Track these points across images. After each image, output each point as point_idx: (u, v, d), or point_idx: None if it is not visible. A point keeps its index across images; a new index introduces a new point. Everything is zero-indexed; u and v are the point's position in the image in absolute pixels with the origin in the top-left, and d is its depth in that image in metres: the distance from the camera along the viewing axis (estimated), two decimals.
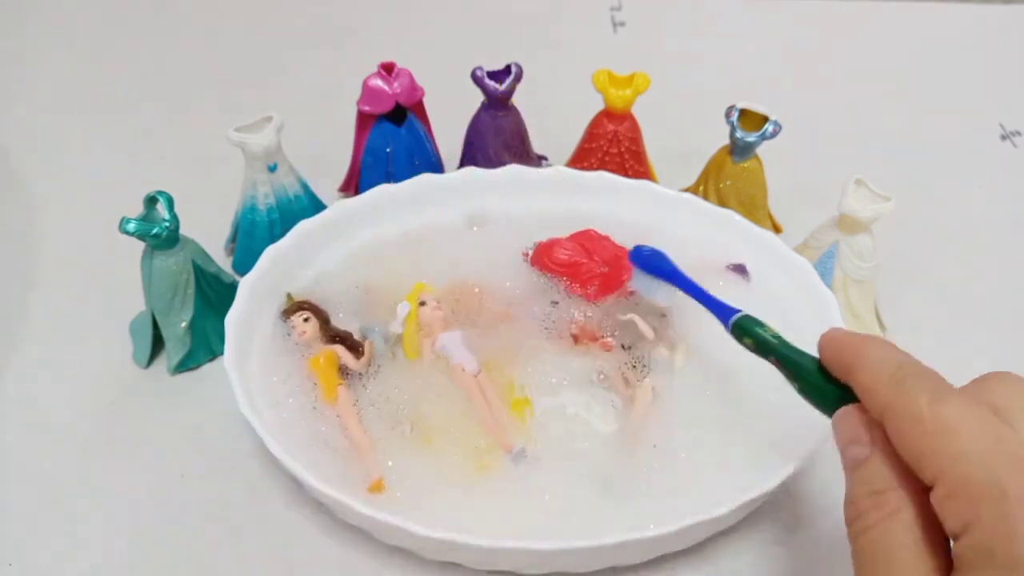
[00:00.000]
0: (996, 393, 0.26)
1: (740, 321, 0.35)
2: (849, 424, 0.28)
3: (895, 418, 0.26)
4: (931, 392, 0.26)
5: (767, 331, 0.34)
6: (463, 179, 0.50)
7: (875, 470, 0.26)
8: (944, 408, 0.25)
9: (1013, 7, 0.80)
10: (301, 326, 0.43)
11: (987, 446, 0.24)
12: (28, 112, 0.66)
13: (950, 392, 0.26)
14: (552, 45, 0.74)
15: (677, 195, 0.50)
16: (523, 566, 0.36)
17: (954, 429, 0.24)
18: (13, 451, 0.42)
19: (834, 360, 0.30)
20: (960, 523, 0.23)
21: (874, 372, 0.28)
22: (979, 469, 0.23)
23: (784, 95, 0.61)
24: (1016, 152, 0.64)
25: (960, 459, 0.24)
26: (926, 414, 0.25)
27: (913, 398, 0.26)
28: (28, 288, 0.51)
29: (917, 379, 0.27)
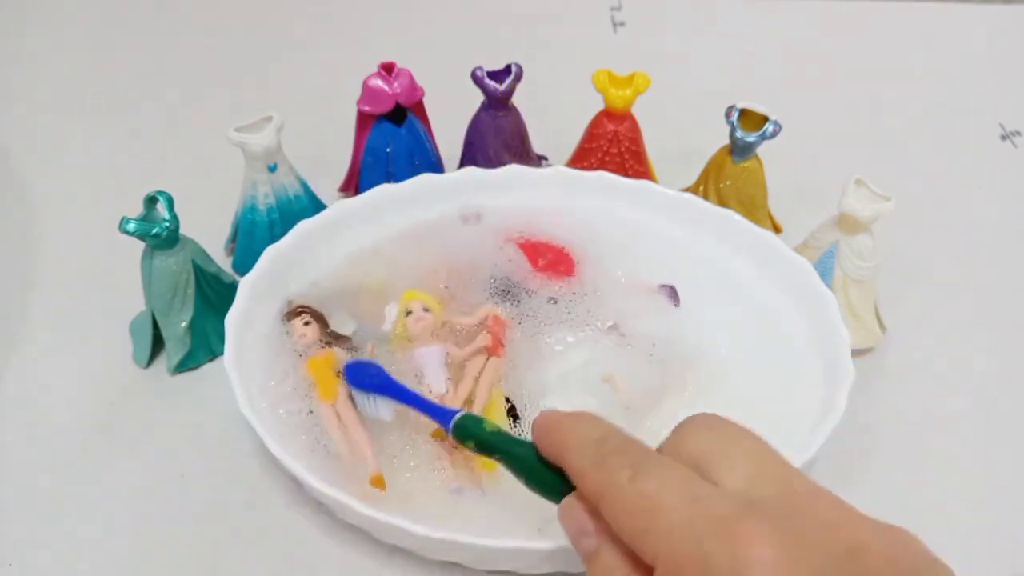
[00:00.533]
0: (698, 440, 0.27)
1: (460, 423, 0.34)
2: (573, 515, 0.27)
3: (603, 501, 0.26)
4: (631, 467, 0.25)
5: (486, 427, 0.33)
6: (463, 179, 0.50)
7: (607, 559, 0.26)
8: (643, 483, 0.25)
9: (1013, 7, 0.80)
10: (301, 329, 0.43)
11: (688, 515, 0.24)
12: (28, 112, 0.66)
13: (649, 463, 0.26)
14: (552, 45, 0.74)
15: (677, 195, 0.50)
16: (523, 566, 0.36)
17: (656, 505, 0.24)
18: (13, 451, 0.42)
19: (546, 445, 0.29)
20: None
21: (579, 453, 0.27)
22: (684, 544, 0.23)
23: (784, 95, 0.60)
24: (1016, 152, 0.64)
25: (666, 536, 0.24)
26: (628, 492, 0.25)
27: (615, 477, 0.25)
28: (28, 288, 0.51)
29: (618, 455, 0.26)
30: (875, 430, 0.44)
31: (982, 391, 0.47)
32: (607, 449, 0.27)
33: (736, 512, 0.23)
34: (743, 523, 0.23)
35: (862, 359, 0.47)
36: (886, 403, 0.45)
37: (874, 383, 0.46)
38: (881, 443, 0.44)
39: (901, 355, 0.48)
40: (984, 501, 0.42)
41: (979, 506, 0.41)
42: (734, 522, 0.23)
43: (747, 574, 0.22)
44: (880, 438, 0.44)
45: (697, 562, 0.23)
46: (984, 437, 0.44)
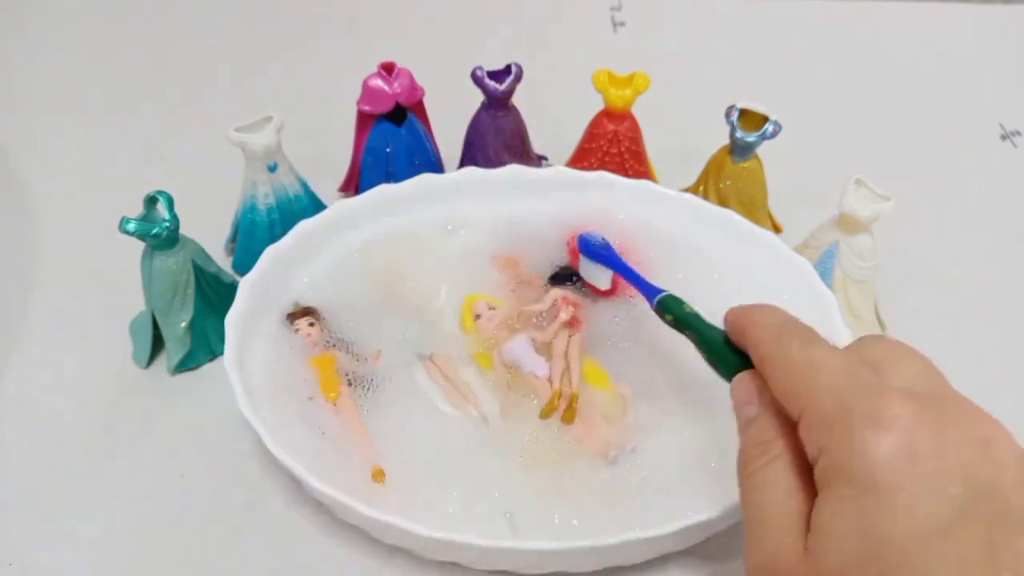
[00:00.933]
0: (870, 350, 0.28)
1: (663, 300, 0.38)
2: (743, 387, 0.30)
3: (771, 365, 0.29)
4: (801, 339, 0.28)
5: (686, 308, 0.37)
6: (463, 179, 0.50)
7: (762, 424, 0.28)
8: (810, 351, 0.28)
9: (1013, 7, 0.80)
10: (306, 330, 0.43)
11: (843, 380, 0.26)
12: (28, 112, 0.66)
13: (819, 340, 0.29)
14: (552, 45, 0.74)
15: (677, 195, 0.50)
16: (523, 566, 0.36)
17: (817, 368, 0.27)
18: (13, 451, 0.42)
19: (732, 328, 0.32)
20: (816, 448, 0.25)
21: (760, 329, 0.30)
22: (834, 397, 0.25)
23: (784, 95, 0.61)
24: (1016, 152, 0.64)
25: (820, 392, 0.26)
26: (795, 357, 0.28)
27: (786, 345, 0.28)
28: (28, 288, 0.51)
29: (793, 331, 0.29)
30: None
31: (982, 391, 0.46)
32: (787, 327, 0.30)
33: (888, 387, 0.25)
34: (891, 392, 0.25)
35: None
36: None
37: None
38: None
39: None
40: None
41: None
42: (883, 389, 0.25)
43: (882, 423, 0.24)
44: None
45: (840, 410, 0.25)
46: None
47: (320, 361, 0.42)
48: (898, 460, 0.23)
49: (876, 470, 0.23)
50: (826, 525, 0.24)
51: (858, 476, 0.23)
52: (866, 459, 0.23)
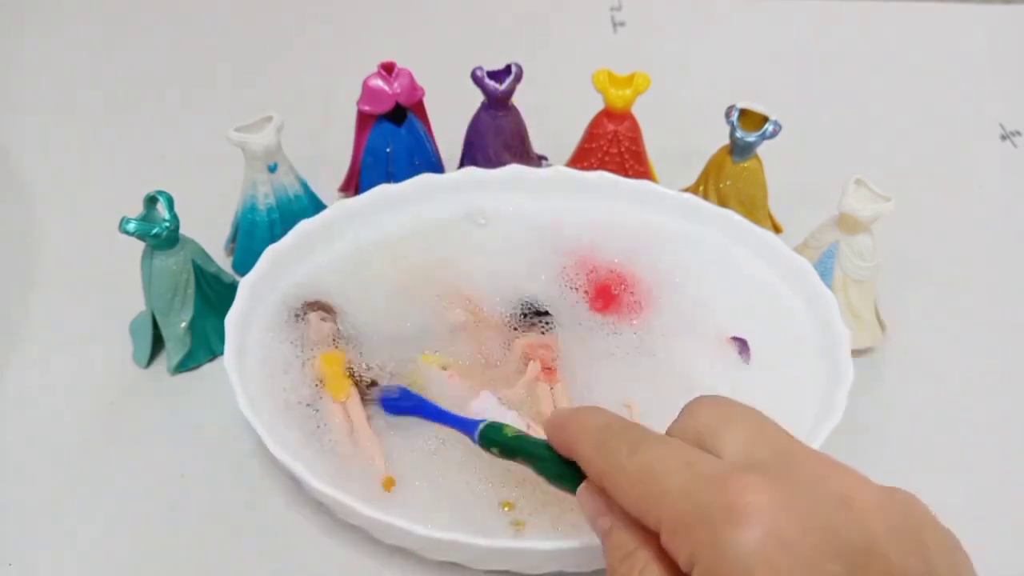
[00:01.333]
0: (699, 418, 0.28)
1: (484, 434, 0.35)
2: (589, 500, 0.29)
3: (607, 480, 0.27)
4: (629, 444, 0.27)
5: (508, 435, 0.34)
6: (463, 179, 0.50)
7: (619, 535, 0.27)
8: (641, 456, 0.26)
9: (1013, 7, 0.80)
10: (318, 324, 0.43)
11: (685, 479, 0.25)
12: (28, 112, 0.66)
13: (646, 439, 0.27)
14: (552, 45, 0.74)
15: (677, 195, 0.50)
16: (523, 566, 0.36)
17: (654, 472, 0.26)
18: (13, 451, 0.42)
19: (557, 440, 0.31)
20: (687, 559, 0.24)
21: (583, 441, 0.29)
22: (681, 500, 0.24)
23: (784, 95, 0.61)
24: (1016, 152, 0.64)
25: (665, 498, 0.25)
26: (627, 466, 0.26)
27: (616, 455, 0.27)
28: (28, 288, 0.51)
29: (618, 436, 0.28)
30: (875, 430, 0.44)
31: (982, 391, 0.47)
32: (608, 433, 0.28)
33: (730, 470, 0.25)
34: (736, 476, 0.24)
35: (862, 359, 0.47)
36: (886, 403, 0.45)
37: (874, 383, 0.46)
38: (881, 443, 0.44)
39: (901, 355, 0.48)
40: (985, 501, 0.42)
41: (980, 506, 0.41)
42: (728, 476, 0.24)
43: (741, 516, 0.23)
44: (880, 438, 0.44)
45: (694, 514, 0.24)
46: (984, 437, 0.45)
47: (329, 360, 0.42)
48: (768, 551, 0.22)
49: (751, 569, 0.22)
50: None
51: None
52: (738, 561, 0.22)
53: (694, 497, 0.24)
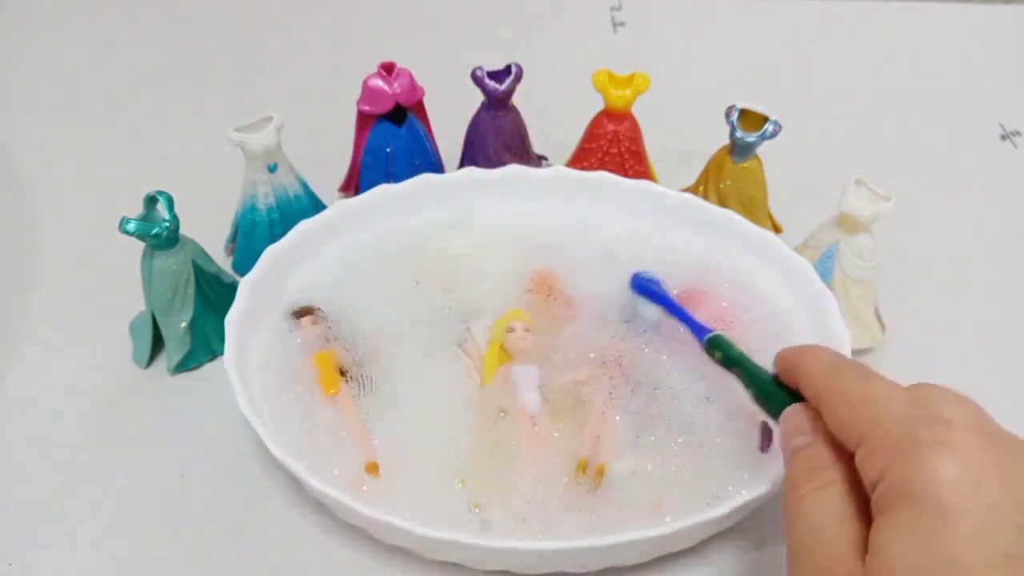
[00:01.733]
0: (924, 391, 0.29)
1: (712, 339, 0.39)
2: (794, 418, 0.31)
3: (828, 397, 0.29)
4: (860, 373, 0.29)
5: (734, 348, 0.38)
6: (463, 179, 0.50)
7: (814, 451, 0.29)
8: (870, 384, 0.28)
9: (1013, 7, 0.80)
10: (309, 327, 0.43)
11: (907, 409, 0.26)
12: (28, 112, 0.66)
13: (878, 375, 0.29)
14: (552, 45, 0.74)
15: (677, 195, 0.50)
16: (523, 566, 0.36)
17: (877, 399, 0.27)
18: (13, 451, 0.42)
19: (783, 367, 0.33)
20: (877, 472, 0.25)
21: (814, 365, 0.31)
22: (896, 426, 0.26)
23: (784, 95, 0.61)
24: (1016, 152, 0.64)
25: (881, 421, 0.26)
26: (854, 389, 0.28)
27: (844, 378, 0.29)
28: (28, 288, 0.51)
29: (851, 366, 0.30)
30: None
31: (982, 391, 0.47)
32: (843, 362, 0.31)
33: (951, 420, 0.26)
34: (955, 424, 0.25)
35: (862, 359, 0.47)
36: None
37: None
38: None
39: (901, 355, 0.48)
40: None
41: None
42: (947, 423, 0.25)
43: (947, 449, 0.24)
44: None
45: (904, 437, 0.25)
46: None
47: (320, 358, 0.42)
48: (964, 485, 0.23)
49: (942, 493, 0.23)
50: (886, 546, 0.24)
51: (923, 498, 0.24)
52: (933, 481, 0.24)
53: (910, 425, 0.25)
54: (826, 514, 0.26)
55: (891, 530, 0.24)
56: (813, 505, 0.27)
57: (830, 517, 0.26)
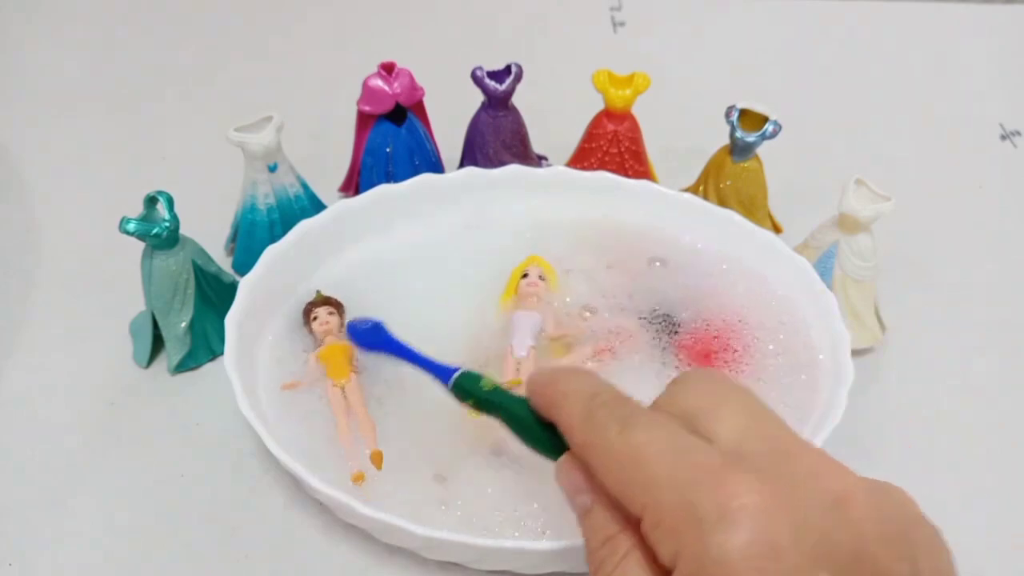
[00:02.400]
0: (691, 395, 0.27)
1: (459, 381, 0.33)
2: (569, 474, 0.27)
3: (592, 455, 0.26)
4: (619, 421, 0.25)
5: (484, 385, 0.32)
6: (463, 179, 0.50)
7: (600, 517, 0.26)
8: (632, 436, 0.25)
9: (1013, 7, 0.80)
10: (325, 318, 0.43)
11: (674, 465, 0.24)
12: (28, 112, 0.66)
13: (638, 417, 0.26)
14: (552, 45, 0.74)
15: (677, 195, 0.50)
16: (523, 566, 0.36)
17: (643, 456, 0.24)
18: (13, 451, 0.42)
19: (539, 400, 0.29)
20: (669, 555, 0.23)
21: (569, 409, 0.27)
22: (670, 493, 0.23)
23: (784, 95, 0.61)
24: (1016, 152, 0.64)
25: (652, 486, 0.24)
26: (616, 445, 0.25)
27: (604, 431, 0.25)
28: (28, 288, 0.51)
29: (607, 409, 0.26)
30: (875, 430, 0.44)
31: (982, 391, 0.47)
32: (597, 403, 0.27)
33: (722, 463, 0.23)
34: (728, 473, 0.23)
35: (862, 359, 0.47)
36: (886, 403, 0.45)
37: (874, 383, 0.46)
38: (881, 443, 0.44)
39: (901, 355, 0.48)
40: (984, 501, 0.42)
41: (979, 506, 0.41)
42: (720, 472, 0.23)
43: (732, 520, 0.22)
44: (880, 438, 0.44)
45: (682, 511, 0.23)
46: (984, 437, 0.44)
47: (334, 349, 0.42)
48: (758, 560, 0.21)
49: (741, 572, 0.21)
50: None
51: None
52: (725, 567, 0.21)
53: (683, 491, 0.23)
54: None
55: None
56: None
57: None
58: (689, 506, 0.23)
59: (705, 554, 0.22)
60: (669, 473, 0.24)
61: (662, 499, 0.23)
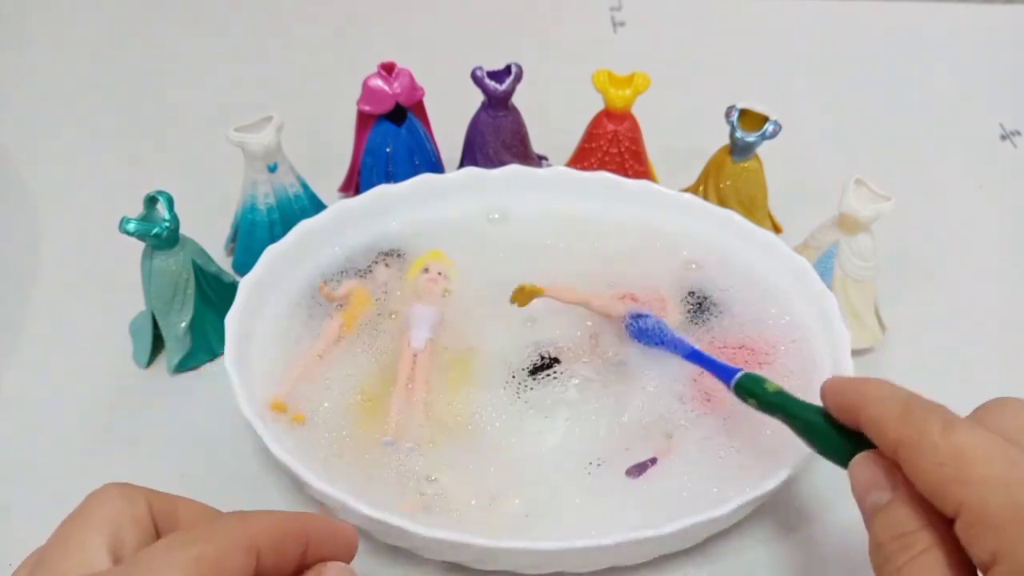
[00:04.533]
0: (1000, 418, 0.27)
1: (741, 381, 0.35)
2: (867, 470, 0.28)
3: (909, 451, 0.26)
4: (942, 422, 0.26)
5: (769, 388, 0.34)
6: (463, 179, 0.50)
7: (899, 512, 0.26)
8: (957, 436, 0.25)
9: (1013, 7, 0.80)
10: (382, 271, 0.46)
11: (1004, 470, 0.24)
12: (28, 112, 0.66)
13: (960, 420, 0.26)
14: (552, 45, 0.74)
15: (677, 195, 0.50)
16: (523, 566, 0.36)
17: (970, 457, 0.24)
18: (13, 451, 0.42)
19: (839, 404, 0.30)
20: (988, 554, 0.23)
21: (881, 408, 0.28)
22: (999, 495, 0.23)
23: (784, 95, 0.61)
24: (1016, 152, 0.64)
25: (979, 486, 0.24)
26: (940, 444, 0.25)
27: (925, 429, 0.26)
28: (28, 288, 0.51)
29: (926, 411, 0.27)
30: None
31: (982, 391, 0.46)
32: (914, 404, 0.27)
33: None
34: None
35: (862, 359, 0.47)
36: None
37: None
38: None
39: (901, 355, 0.48)
40: None
41: None
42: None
43: None
44: None
45: (1010, 511, 0.23)
46: None
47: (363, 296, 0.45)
48: None
49: None
50: None
51: None
52: None
53: (1015, 495, 0.23)
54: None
55: None
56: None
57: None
58: (1018, 507, 0.23)
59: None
60: (999, 474, 0.24)
61: (987, 498, 0.24)
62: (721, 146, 0.52)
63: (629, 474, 0.38)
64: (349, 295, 0.45)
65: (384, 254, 0.47)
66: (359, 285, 0.45)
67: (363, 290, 0.45)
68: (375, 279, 0.46)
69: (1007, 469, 0.24)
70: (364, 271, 0.46)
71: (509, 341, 0.44)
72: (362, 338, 0.43)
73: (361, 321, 0.44)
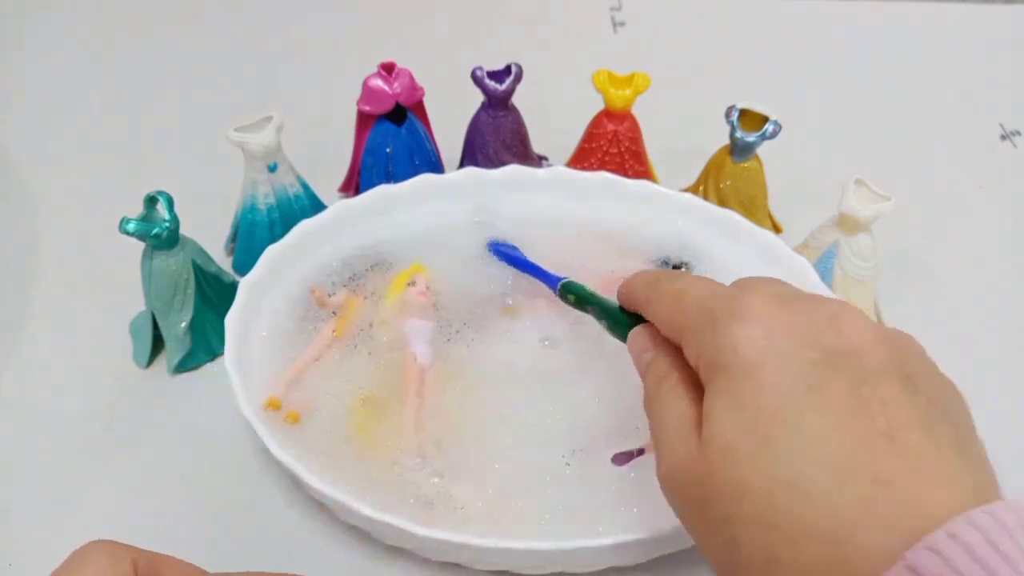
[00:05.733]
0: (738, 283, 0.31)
1: (565, 284, 0.42)
2: (638, 338, 0.33)
3: (650, 303, 0.33)
4: (671, 277, 0.33)
5: (584, 289, 0.40)
6: (463, 179, 0.50)
7: (658, 362, 0.31)
8: (678, 282, 0.32)
9: (1013, 7, 0.80)
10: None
11: (707, 295, 0.30)
12: (28, 112, 0.66)
13: (688, 275, 0.33)
14: (552, 45, 0.74)
15: (677, 195, 0.50)
16: (523, 566, 0.36)
17: (685, 292, 0.31)
18: (13, 451, 0.42)
19: (621, 292, 0.36)
20: (694, 356, 0.28)
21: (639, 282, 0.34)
22: (699, 309, 0.29)
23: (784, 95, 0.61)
24: (1016, 152, 0.64)
25: (688, 310, 0.30)
26: (667, 290, 0.32)
27: (661, 285, 0.32)
28: (29, 288, 0.51)
29: (666, 275, 0.34)
30: None
31: (982, 391, 0.46)
32: (659, 273, 0.34)
33: (741, 292, 0.29)
34: (748, 295, 0.28)
35: None
36: None
37: None
38: None
39: None
40: None
41: None
42: (737, 294, 0.29)
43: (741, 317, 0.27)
44: None
45: (706, 319, 0.28)
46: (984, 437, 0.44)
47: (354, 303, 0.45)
48: (758, 341, 0.26)
49: (741, 353, 0.26)
50: (710, 412, 0.27)
51: (729, 363, 0.26)
52: (732, 348, 0.26)
53: (709, 306, 0.28)
54: (671, 407, 0.29)
55: (712, 398, 0.27)
56: (661, 404, 0.30)
57: (673, 409, 0.29)
58: (712, 312, 0.28)
59: (718, 341, 0.27)
60: (699, 297, 0.30)
61: (693, 314, 0.29)
62: (721, 146, 0.52)
63: (615, 460, 0.39)
64: (342, 304, 0.45)
65: (374, 265, 0.47)
66: (351, 294, 0.45)
67: (355, 298, 0.45)
68: (365, 288, 0.46)
69: (709, 294, 0.29)
70: (357, 277, 0.46)
71: (510, 343, 0.44)
72: (357, 343, 0.43)
73: (355, 327, 0.44)
